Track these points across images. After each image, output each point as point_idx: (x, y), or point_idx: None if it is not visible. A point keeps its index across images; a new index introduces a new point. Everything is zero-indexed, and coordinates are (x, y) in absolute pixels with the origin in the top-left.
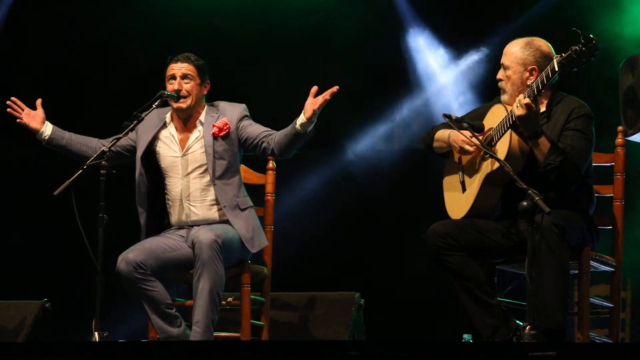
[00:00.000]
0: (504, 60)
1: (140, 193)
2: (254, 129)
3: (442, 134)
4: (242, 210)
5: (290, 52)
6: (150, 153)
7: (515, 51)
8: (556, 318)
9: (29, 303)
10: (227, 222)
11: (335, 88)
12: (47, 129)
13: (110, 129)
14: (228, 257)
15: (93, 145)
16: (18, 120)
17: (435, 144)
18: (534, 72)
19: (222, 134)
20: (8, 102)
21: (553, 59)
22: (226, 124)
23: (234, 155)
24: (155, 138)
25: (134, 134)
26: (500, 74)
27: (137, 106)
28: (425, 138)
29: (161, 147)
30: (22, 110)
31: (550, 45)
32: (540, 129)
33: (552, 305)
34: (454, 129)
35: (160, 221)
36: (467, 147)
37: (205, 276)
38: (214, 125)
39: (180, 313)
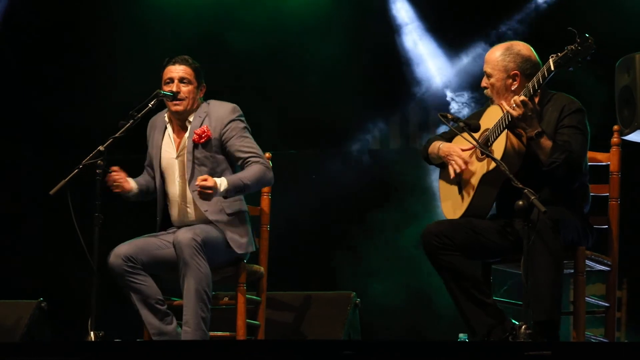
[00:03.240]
0: (486, 68)
1: (158, 195)
2: (235, 146)
3: (433, 147)
4: (229, 215)
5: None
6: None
7: (496, 57)
8: (549, 310)
9: (24, 303)
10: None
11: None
12: (133, 184)
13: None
14: (214, 256)
15: (149, 178)
16: (116, 189)
17: (430, 156)
18: (516, 77)
19: (202, 141)
20: (114, 175)
21: (549, 59)
22: (204, 131)
23: (217, 161)
24: (159, 139)
25: (151, 152)
26: (484, 82)
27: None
28: (422, 151)
29: (162, 150)
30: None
31: (531, 48)
32: (542, 129)
33: (545, 298)
34: (449, 130)
35: (165, 221)
36: (455, 166)
37: (188, 275)
38: (194, 132)
39: (174, 312)
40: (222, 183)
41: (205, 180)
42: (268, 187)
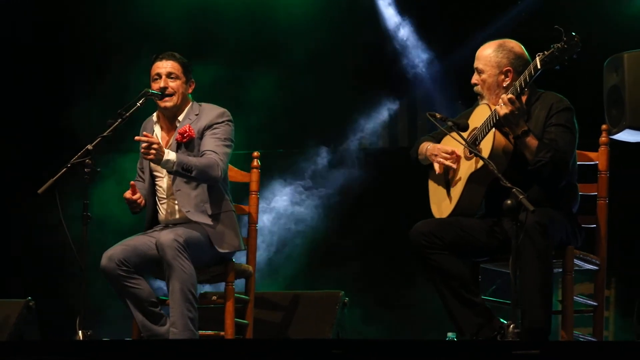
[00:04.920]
0: (478, 64)
1: (147, 194)
2: (204, 144)
3: (422, 148)
4: (211, 215)
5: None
6: None
7: (489, 54)
8: (540, 317)
9: (12, 302)
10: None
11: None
12: (143, 199)
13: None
14: (198, 255)
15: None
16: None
17: (419, 157)
18: (509, 73)
19: (184, 140)
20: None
21: (536, 57)
22: (186, 131)
23: None
24: None
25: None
26: (475, 79)
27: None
28: (412, 152)
29: None
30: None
31: (522, 46)
32: (528, 128)
33: (536, 304)
34: (439, 130)
35: (153, 219)
36: (440, 160)
37: (173, 277)
38: (178, 132)
39: (166, 312)
40: (169, 153)
41: (155, 143)
42: (256, 186)
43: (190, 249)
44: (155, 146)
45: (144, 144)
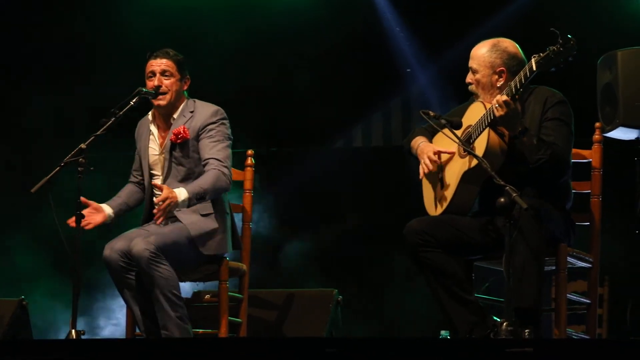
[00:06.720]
0: (472, 63)
1: (146, 192)
2: (202, 147)
3: (414, 143)
4: (203, 215)
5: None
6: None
7: (483, 54)
8: (530, 296)
9: (6, 301)
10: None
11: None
12: (109, 210)
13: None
14: (180, 257)
15: (135, 189)
16: (88, 227)
17: (412, 151)
18: (502, 74)
19: (178, 141)
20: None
21: (531, 59)
22: (180, 132)
23: (194, 161)
24: (146, 139)
25: (138, 150)
26: (470, 78)
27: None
28: (405, 143)
29: (149, 148)
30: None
31: (517, 45)
32: (524, 127)
33: (526, 284)
34: (432, 126)
35: (149, 213)
36: (428, 164)
37: (152, 284)
38: (172, 132)
39: None
40: (181, 193)
41: (163, 200)
42: (250, 184)
43: (166, 253)
44: (169, 201)
45: (162, 206)
